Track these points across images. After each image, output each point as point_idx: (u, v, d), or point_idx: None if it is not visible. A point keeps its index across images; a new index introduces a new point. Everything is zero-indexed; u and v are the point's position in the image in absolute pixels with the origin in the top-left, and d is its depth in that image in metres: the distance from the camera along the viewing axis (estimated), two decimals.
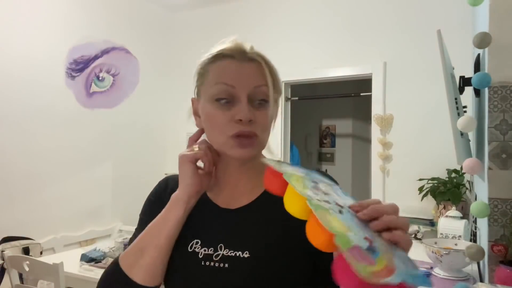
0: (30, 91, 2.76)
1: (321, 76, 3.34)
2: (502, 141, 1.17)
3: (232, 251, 0.72)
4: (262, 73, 0.75)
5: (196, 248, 0.75)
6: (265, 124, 0.75)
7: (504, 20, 1.18)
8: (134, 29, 3.58)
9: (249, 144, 0.73)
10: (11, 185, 2.64)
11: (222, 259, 0.72)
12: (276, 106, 0.80)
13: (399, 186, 2.97)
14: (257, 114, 0.73)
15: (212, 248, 0.74)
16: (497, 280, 1.09)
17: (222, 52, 0.77)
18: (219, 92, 0.74)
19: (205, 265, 0.73)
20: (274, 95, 0.77)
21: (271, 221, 0.74)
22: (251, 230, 0.74)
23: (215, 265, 0.72)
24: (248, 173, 0.79)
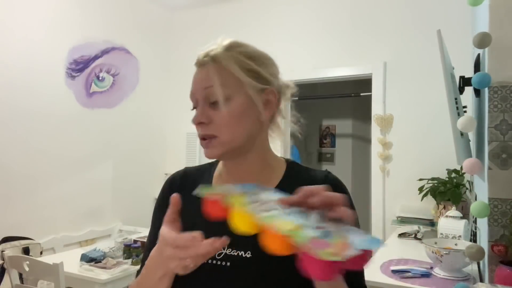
0: (30, 91, 2.76)
1: (321, 76, 3.34)
2: (502, 141, 1.17)
3: (235, 251, 0.73)
4: (214, 72, 0.76)
5: None
6: (221, 123, 0.75)
7: (504, 20, 1.18)
8: (134, 29, 3.58)
9: (208, 145, 0.76)
10: (11, 185, 2.64)
11: (224, 258, 0.74)
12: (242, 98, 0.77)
13: (399, 186, 2.97)
14: (213, 114, 0.76)
15: None
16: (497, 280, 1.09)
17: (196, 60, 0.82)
18: (190, 99, 0.80)
19: (208, 263, 0.73)
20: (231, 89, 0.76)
21: None
22: None
23: (217, 263, 0.73)
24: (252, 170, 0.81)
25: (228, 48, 0.80)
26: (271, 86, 0.80)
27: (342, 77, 3.29)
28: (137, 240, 2.38)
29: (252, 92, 0.77)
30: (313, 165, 4.81)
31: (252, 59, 0.80)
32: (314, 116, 4.82)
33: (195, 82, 0.79)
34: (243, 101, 0.77)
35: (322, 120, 4.82)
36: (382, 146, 3.03)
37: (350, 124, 4.68)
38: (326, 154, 4.78)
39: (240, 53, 0.80)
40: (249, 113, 0.77)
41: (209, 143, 0.76)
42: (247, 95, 0.77)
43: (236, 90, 0.76)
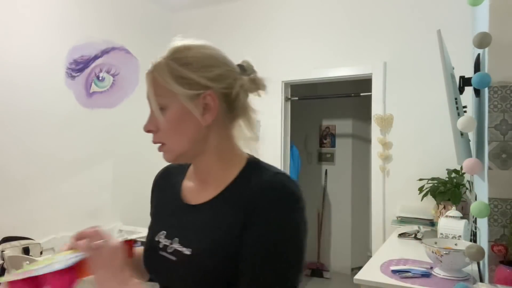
0: (30, 91, 2.76)
1: (321, 76, 3.34)
2: (502, 141, 1.17)
3: (181, 246, 0.79)
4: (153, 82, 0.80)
5: (160, 238, 0.84)
6: (164, 130, 0.80)
7: (504, 20, 1.18)
8: (134, 29, 3.58)
9: (161, 151, 0.83)
10: (11, 185, 2.64)
11: (173, 252, 0.80)
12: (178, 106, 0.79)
13: (399, 186, 2.97)
14: (159, 122, 0.80)
15: (170, 241, 0.82)
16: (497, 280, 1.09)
17: None
18: None
19: (161, 254, 0.82)
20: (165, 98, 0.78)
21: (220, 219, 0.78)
22: (200, 227, 0.80)
23: (167, 255, 0.81)
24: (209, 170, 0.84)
25: (166, 56, 0.82)
26: (207, 90, 0.79)
27: (342, 77, 3.29)
28: (137, 240, 2.38)
29: (184, 99, 0.78)
30: (313, 165, 4.81)
31: (187, 65, 0.80)
32: (314, 116, 4.81)
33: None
34: (178, 109, 0.78)
35: (322, 120, 4.82)
36: (382, 146, 3.03)
37: (350, 124, 4.68)
38: (326, 154, 4.78)
39: (175, 60, 0.80)
40: (187, 119, 0.79)
41: (161, 149, 0.83)
42: (181, 103, 0.78)
43: (171, 99, 0.78)
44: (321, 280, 4.38)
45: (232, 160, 0.84)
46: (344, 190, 4.65)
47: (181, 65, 0.79)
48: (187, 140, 0.80)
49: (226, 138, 0.84)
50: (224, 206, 0.79)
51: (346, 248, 4.59)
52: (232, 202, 0.78)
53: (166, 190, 0.93)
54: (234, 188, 0.80)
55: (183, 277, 0.77)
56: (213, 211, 0.80)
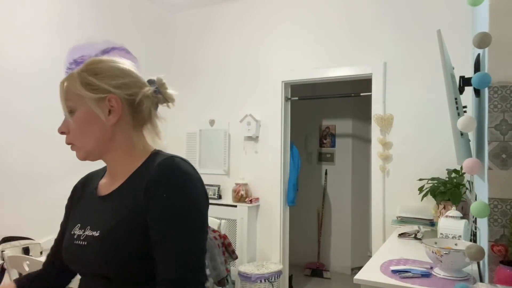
0: (30, 91, 2.76)
1: (321, 76, 3.34)
2: (502, 141, 1.17)
3: (91, 232, 0.89)
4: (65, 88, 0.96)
5: (76, 230, 0.93)
6: (73, 132, 0.92)
7: (504, 20, 1.18)
8: (134, 29, 3.58)
9: (73, 150, 0.94)
10: (11, 185, 2.64)
11: (84, 238, 0.89)
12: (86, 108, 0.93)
13: (399, 186, 2.97)
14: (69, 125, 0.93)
15: (83, 230, 0.91)
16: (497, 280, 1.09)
17: None
18: None
19: (75, 243, 0.90)
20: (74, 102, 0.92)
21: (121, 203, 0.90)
22: (105, 212, 0.90)
23: (80, 243, 0.89)
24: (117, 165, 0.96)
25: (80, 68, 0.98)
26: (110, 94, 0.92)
27: (342, 77, 3.29)
28: None
29: (90, 102, 0.91)
30: (313, 165, 4.81)
31: (96, 74, 0.94)
32: (314, 116, 4.81)
33: None
34: (85, 111, 0.92)
35: (322, 120, 4.82)
36: (382, 146, 3.03)
37: (350, 124, 4.67)
38: (326, 154, 4.78)
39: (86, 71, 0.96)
40: (93, 120, 0.92)
41: (73, 148, 0.94)
42: (88, 105, 0.92)
43: (79, 103, 0.92)
44: (321, 280, 4.38)
45: (137, 154, 0.96)
46: (344, 190, 4.64)
47: (90, 75, 0.94)
48: (94, 139, 0.92)
49: (131, 137, 0.95)
50: (127, 191, 0.91)
51: (346, 248, 4.59)
52: (134, 187, 0.90)
53: (84, 192, 1.03)
54: (136, 175, 0.93)
55: (95, 259, 0.85)
56: (119, 197, 0.91)
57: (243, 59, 3.64)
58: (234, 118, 3.67)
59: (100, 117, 0.91)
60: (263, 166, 3.55)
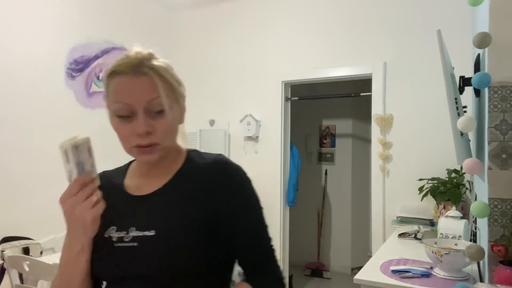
0: (30, 91, 2.76)
1: (321, 76, 3.34)
2: (502, 141, 1.17)
3: (141, 232, 0.83)
4: (154, 85, 0.82)
5: (111, 233, 0.86)
6: (166, 130, 0.84)
7: (504, 20, 1.18)
8: (134, 29, 3.58)
9: (150, 152, 0.84)
10: (11, 185, 2.64)
11: (132, 239, 0.83)
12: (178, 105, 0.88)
13: (399, 186, 2.97)
14: (156, 124, 0.82)
15: (125, 231, 0.84)
16: (497, 280, 1.09)
17: (116, 70, 0.84)
18: (119, 110, 0.83)
19: (118, 246, 0.83)
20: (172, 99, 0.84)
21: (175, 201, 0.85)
22: (157, 212, 0.85)
23: (126, 244, 0.83)
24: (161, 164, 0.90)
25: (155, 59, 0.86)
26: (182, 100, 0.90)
27: (342, 77, 3.29)
28: None
29: (182, 101, 0.89)
30: (313, 165, 4.81)
31: (172, 69, 0.88)
32: (314, 116, 4.81)
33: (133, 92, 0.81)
34: (178, 109, 0.87)
35: (322, 120, 4.82)
36: (382, 146, 3.03)
37: (350, 124, 4.67)
38: (326, 154, 4.78)
39: (166, 64, 0.87)
40: (178, 119, 0.89)
41: (152, 150, 0.84)
42: (180, 104, 0.88)
43: (174, 100, 0.85)
44: (321, 280, 4.38)
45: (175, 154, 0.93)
46: (344, 190, 4.65)
47: (171, 69, 0.88)
48: (173, 142, 0.89)
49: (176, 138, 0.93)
50: (178, 189, 0.87)
51: (346, 248, 4.59)
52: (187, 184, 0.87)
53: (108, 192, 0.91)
54: (183, 173, 0.89)
55: (147, 259, 0.80)
56: (168, 195, 0.87)
57: (243, 59, 3.64)
58: (234, 118, 3.67)
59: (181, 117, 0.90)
60: (263, 166, 3.55)
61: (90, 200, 0.80)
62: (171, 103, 0.84)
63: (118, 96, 0.83)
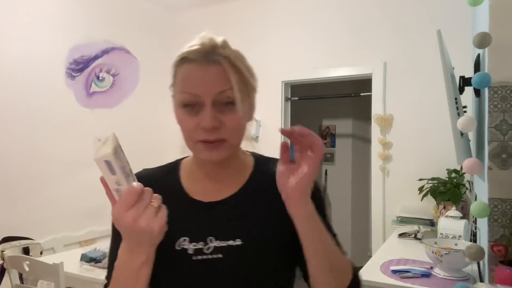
0: (30, 91, 2.76)
1: (321, 76, 3.34)
2: (502, 141, 1.17)
3: (224, 241, 0.74)
4: (226, 76, 0.72)
5: (185, 245, 0.76)
6: (235, 126, 0.74)
7: (504, 20, 1.18)
8: (134, 29, 3.58)
9: (216, 148, 0.73)
10: (11, 185, 2.64)
11: (214, 250, 0.74)
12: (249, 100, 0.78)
13: (399, 186, 2.97)
14: (224, 119, 0.72)
15: (202, 242, 0.75)
16: (497, 280, 1.09)
17: (187, 56, 0.74)
18: (185, 100, 0.74)
19: (197, 259, 0.74)
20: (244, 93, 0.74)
21: (257, 208, 0.78)
22: (239, 219, 0.77)
23: (208, 257, 0.74)
24: (229, 166, 0.82)
25: (228, 47, 0.76)
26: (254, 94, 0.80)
27: (342, 77, 3.29)
28: None
29: (253, 95, 0.78)
30: None
31: (245, 59, 0.78)
32: (314, 116, 4.81)
33: (202, 82, 0.72)
34: (249, 104, 0.77)
35: (322, 120, 4.82)
36: (382, 146, 3.03)
37: (350, 124, 4.67)
38: (326, 154, 4.77)
39: (240, 53, 0.77)
40: (249, 115, 0.79)
41: (218, 146, 0.74)
42: (251, 99, 0.77)
43: (246, 93, 0.75)
44: None
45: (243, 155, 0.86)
46: (344, 190, 4.64)
47: (245, 59, 0.77)
48: (242, 137, 0.79)
49: None
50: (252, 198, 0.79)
51: (346, 248, 4.52)
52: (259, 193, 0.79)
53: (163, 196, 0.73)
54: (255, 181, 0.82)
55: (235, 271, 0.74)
56: (243, 203, 0.79)
57: None
58: None
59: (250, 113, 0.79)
60: None
61: (152, 207, 0.66)
62: (243, 96, 0.73)
63: (186, 86, 0.73)
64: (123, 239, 0.69)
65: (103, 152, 0.66)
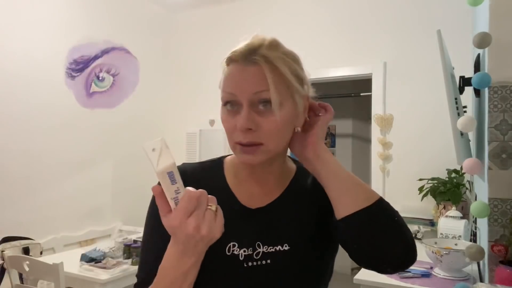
0: (30, 91, 2.76)
1: (321, 76, 3.34)
2: (502, 141, 1.17)
3: (272, 247, 0.75)
4: (264, 77, 0.71)
5: (235, 250, 0.75)
6: (271, 130, 0.71)
7: (504, 20, 1.18)
8: (134, 29, 3.58)
9: (252, 152, 0.72)
10: (11, 185, 2.64)
11: (263, 256, 0.74)
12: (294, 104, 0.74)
13: (399, 186, 2.97)
14: (261, 121, 0.71)
15: (251, 248, 0.75)
16: (497, 280, 1.09)
17: (231, 57, 0.75)
18: (224, 99, 0.74)
19: (248, 266, 0.74)
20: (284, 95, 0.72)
21: (300, 213, 0.79)
22: (285, 224, 0.78)
23: (257, 263, 0.74)
24: (273, 171, 0.80)
25: (274, 48, 0.76)
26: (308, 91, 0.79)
27: (342, 77, 3.29)
28: (137, 240, 2.38)
29: (298, 99, 0.75)
30: None
31: (295, 61, 0.78)
32: None
33: (240, 82, 0.72)
34: (291, 108, 0.74)
35: None
36: (382, 146, 3.03)
37: (350, 124, 4.67)
38: None
39: (285, 54, 0.77)
40: (292, 120, 0.75)
41: (254, 150, 0.72)
42: (294, 102, 0.74)
43: (287, 96, 0.73)
44: None
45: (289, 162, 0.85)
46: None
47: (293, 61, 0.77)
48: (286, 141, 0.76)
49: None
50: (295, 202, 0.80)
51: None
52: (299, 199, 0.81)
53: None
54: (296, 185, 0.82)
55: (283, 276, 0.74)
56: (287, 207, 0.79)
57: None
58: None
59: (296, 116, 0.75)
60: None
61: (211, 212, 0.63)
62: (282, 99, 0.71)
63: (226, 85, 0.74)
64: (176, 243, 0.65)
65: (164, 164, 0.61)
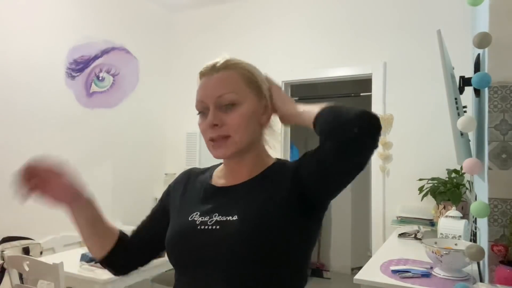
0: (30, 91, 2.76)
1: (321, 76, 3.34)
2: (502, 141, 1.17)
3: (224, 217, 0.87)
4: (225, 81, 0.89)
5: (195, 217, 0.91)
6: (236, 123, 0.87)
7: (504, 20, 1.18)
8: (134, 29, 3.58)
9: (220, 145, 0.88)
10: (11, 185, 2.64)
11: (215, 223, 0.87)
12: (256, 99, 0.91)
13: (399, 186, 2.97)
14: (226, 117, 0.87)
15: (208, 217, 0.89)
16: (497, 280, 1.09)
17: (201, 71, 0.93)
18: (197, 107, 0.91)
19: (201, 228, 0.88)
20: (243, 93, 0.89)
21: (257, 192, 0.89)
22: (240, 200, 0.89)
23: (208, 227, 0.87)
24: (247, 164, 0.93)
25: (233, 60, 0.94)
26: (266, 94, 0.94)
27: (342, 77, 3.29)
28: None
29: (255, 99, 0.91)
30: None
31: (251, 71, 0.94)
32: None
33: (205, 89, 0.90)
34: (250, 106, 0.89)
35: None
36: (382, 146, 3.03)
37: None
38: None
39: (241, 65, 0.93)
40: (254, 117, 0.90)
41: (221, 143, 0.88)
42: (253, 101, 0.90)
43: (244, 96, 0.89)
44: (321, 280, 4.38)
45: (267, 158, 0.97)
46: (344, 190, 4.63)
47: (247, 71, 0.93)
48: (250, 135, 0.90)
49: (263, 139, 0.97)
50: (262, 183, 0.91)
51: (346, 248, 4.58)
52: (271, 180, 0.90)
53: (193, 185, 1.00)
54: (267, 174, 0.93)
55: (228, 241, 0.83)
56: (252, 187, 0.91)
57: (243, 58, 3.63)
58: None
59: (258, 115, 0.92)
60: None
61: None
62: (242, 97, 0.88)
63: (197, 95, 0.91)
64: None
65: None
